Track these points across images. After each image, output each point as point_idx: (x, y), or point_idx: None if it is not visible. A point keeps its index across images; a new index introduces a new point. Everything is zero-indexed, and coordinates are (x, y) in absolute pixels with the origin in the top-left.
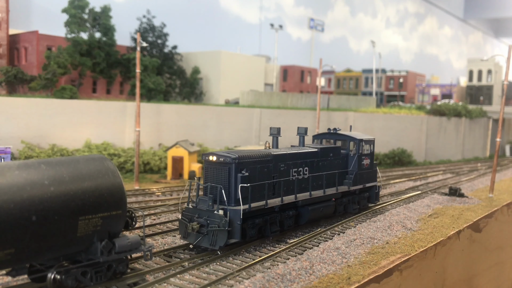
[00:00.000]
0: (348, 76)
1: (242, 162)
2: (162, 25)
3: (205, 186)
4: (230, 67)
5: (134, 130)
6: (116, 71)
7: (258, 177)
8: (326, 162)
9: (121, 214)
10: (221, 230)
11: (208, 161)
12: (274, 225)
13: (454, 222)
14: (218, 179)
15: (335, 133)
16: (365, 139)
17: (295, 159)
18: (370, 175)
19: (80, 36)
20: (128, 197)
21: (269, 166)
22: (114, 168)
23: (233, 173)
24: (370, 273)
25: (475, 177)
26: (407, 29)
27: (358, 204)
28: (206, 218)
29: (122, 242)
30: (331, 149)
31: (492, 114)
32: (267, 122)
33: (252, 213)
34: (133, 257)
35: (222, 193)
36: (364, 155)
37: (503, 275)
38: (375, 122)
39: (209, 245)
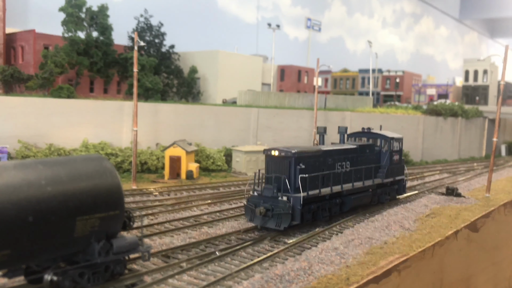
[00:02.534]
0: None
1: (300, 156)
2: (160, 24)
3: (268, 177)
4: (227, 66)
5: (132, 129)
6: (114, 71)
7: (312, 169)
8: (364, 158)
9: (119, 214)
10: (286, 214)
11: (270, 156)
12: (324, 211)
13: (452, 222)
14: (280, 171)
15: (369, 132)
16: (396, 137)
17: (340, 154)
18: (399, 169)
19: (77, 35)
20: (126, 197)
21: (320, 160)
22: (112, 168)
23: (293, 166)
24: (368, 273)
25: (472, 176)
26: (403, 29)
27: (389, 195)
28: (271, 203)
29: (120, 243)
30: (367, 146)
31: (488, 114)
32: (264, 122)
33: (308, 200)
34: (131, 258)
35: (286, 182)
36: (394, 151)
37: (500, 274)
38: (372, 122)
39: (274, 226)
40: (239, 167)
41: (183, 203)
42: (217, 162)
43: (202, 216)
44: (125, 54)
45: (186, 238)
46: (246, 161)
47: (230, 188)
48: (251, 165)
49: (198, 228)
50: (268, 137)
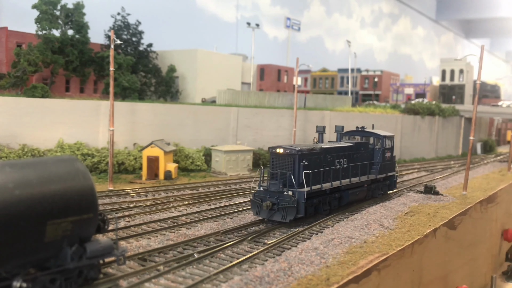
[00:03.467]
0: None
1: (303, 153)
2: (137, 22)
3: (274, 173)
4: (206, 65)
5: (108, 129)
6: (90, 70)
7: (314, 166)
8: (359, 155)
9: (92, 217)
10: (291, 207)
11: (275, 153)
12: (325, 204)
13: (430, 220)
14: (284, 167)
15: (363, 130)
16: (388, 136)
17: (338, 152)
18: (391, 166)
19: (51, 33)
20: (102, 199)
21: (320, 157)
22: (84, 170)
23: (297, 162)
24: (349, 273)
25: (449, 174)
26: (381, 29)
27: (381, 190)
28: (277, 198)
29: (94, 247)
30: (362, 144)
31: (464, 113)
32: (244, 121)
33: (311, 194)
34: (106, 262)
35: (292, 178)
36: (386, 149)
37: (476, 270)
38: (351, 121)
39: (280, 219)
40: (218, 167)
41: (161, 204)
42: (196, 162)
43: (180, 218)
44: (101, 53)
45: (164, 240)
46: (225, 161)
47: (209, 188)
48: (230, 165)
49: (176, 230)
50: (248, 137)
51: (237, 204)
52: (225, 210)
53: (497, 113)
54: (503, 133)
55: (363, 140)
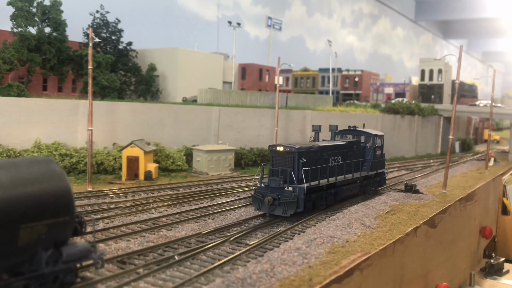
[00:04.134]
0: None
1: (302, 151)
2: (116, 21)
3: (274, 170)
4: (187, 64)
5: (87, 129)
6: (68, 68)
7: (311, 163)
8: (352, 152)
9: (69, 220)
10: (291, 202)
11: (275, 151)
12: (322, 200)
13: (411, 219)
14: (284, 165)
15: (355, 129)
16: (378, 134)
17: (333, 149)
18: (381, 163)
19: (28, 30)
20: (80, 200)
21: (318, 155)
22: (60, 171)
23: (296, 160)
24: (331, 273)
25: (429, 173)
26: (361, 30)
27: (372, 186)
28: (277, 193)
29: (70, 251)
30: (354, 142)
31: (443, 112)
32: (226, 121)
33: (309, 190)
34: (83, 265)
35: (292, 174)
36: (377, 147)
37: (456, 267)
38: (332, 120)
39: (281, 213)
40: (200, 167)
41: (141, 205)
42: (177, 162)
43: (160, 219)
44: (80, 51)
45: (144, 242)
46: (207, 161)
47: (191, 189)
48: (212, 165)
49: (157, 231)
50: (230, 136)
51: (218, 205)
52: (207, 211)
53: (475, 113)
54: (480, 132)
55: (355, 139)
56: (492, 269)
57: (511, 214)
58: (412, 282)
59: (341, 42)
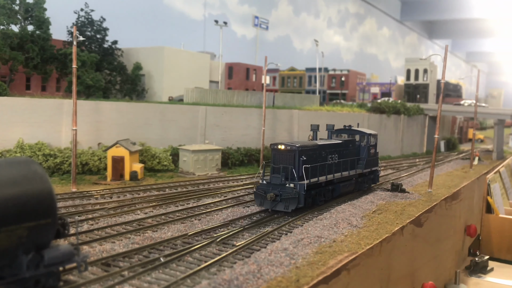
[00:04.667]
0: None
1: (303, 149)
2: (101, 19)
3: (276, 167)
4: (173, 63)
5: (71, 129)
6: (52, 67)
7: (311, 160)
8: (347, 151)
9: (51, 222)
10: (293, 198)
11: (277, 149)
12: (320, 196)
13: (398, 218)
14: (285, 162)
15: (350, 129)
16: (372, 133)
17: (330, 148)
18: (374, 161)
19: (10, 28)
20: (64, 201)
21: (316, 153)
22: (42, 172)
23: (297, 158)
24: (318, 274)
25: (415, 172)
26: (348, 29)
27: (366, 183)
28: (279, 190)
29: (52, 254)
30: (350, 141)
31: (428, 111)
32: (212, 120)
33: (309, 186)
34: (66, 268)
35: (293, 171)
36: (371, 145)
37: (441, 266)
38: (319, 120)
39: (283, 208)
40: (186, 167)
41: (126, 206)
42: (163, 162)
43: (146, 220)
44: (64, 50)
45: (129, 243)
46: (193, 161)
47: (177, 189)
48: (199, 165)
49: (142, 233)
50: (217, 136)
51: (205, 205)
52: (193, 212)
53: (460, 112)
54: (464, 131)
55: (350, 138)
56: (476, 267)
57: (495, 213)
58: (398, 281)
59: (328, 42)
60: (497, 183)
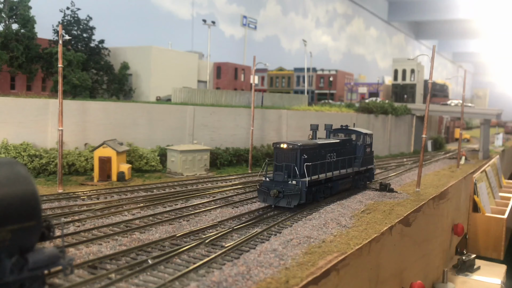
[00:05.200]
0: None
1: (304, 148)
2: (88, 18)
3: (279, 165)
4: (161, 63)
5: (57, 129)
6: (37, 66)
7: (312, 159)
8: (344, 150)
9: (35, 225)
10: (295, 194)
11: (279, 148)
12: (320, 193)
13: (386, 218)
14: (288, 160)
15: (346, 128)
16: (368, 133)
17: (329, 147)
18: (370, 160)
19: None
20: (50, 202)
21: (316, 151)
22: (26, 174)
23: (299, 156)
24: (308, 274)
25: (403, 172)
26: (336, 30)
27: (362, 181)
28: (282, 187)
29: (37, 257)
30: (347, 140)
31: (416, 111)
32: (201, 120)
33: (310, 183)
34: (52, 272)
35: (295, 169)
36: (367, 144)
37: (429, 265)
38: (308, 120)
39: (286, 204)
40: (174, 167)
41: (114, 207)
42: (151, 163)
43: (134, 221)
44: (49, 49)
45: (116, 245)
46: (182, 161)
47: (165, 190)
48: (187, 165)
49: (129, 234)
50: (205, 136)
51: (193, 206)
52: (181, 212)
53: (446, 112)
54: (451, 131)
55: (347, 137)
56: (464, 265)
57: (481, 211)
58: (387, 281)
59: (316, 42)
60: (483, 182)
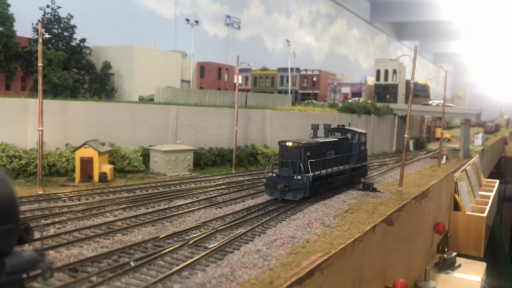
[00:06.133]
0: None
1: (307, 146)
2: (69, 16)
3: (285, 162)
4: (144, 62)
5: (38, 129)
6: (17, 65)
7: (314, 156)
8: (342, 148)
9: (13, 228)
10: (300, 188)
11: (285, 146)
12: (322, 187)
13: (370, 217)
14: (292, 157)
15: (343, 128)
16: (363, 132)
17: (329, 145)
18: (364, 157)
19: None
20: (29, 204)
21: (318, 149)
22: (3, 176)
23: (303, 153)
24: (292, 275)
25: (385, 171)
26: (319, 30)
27: (357, 176)
28: (287, 181)
29: (15, 261)
30: (344, 139)
31: (398, 111)
32: (184, 120)
33: (313, 179)
34: (31, 275)
35: (301, 165)
36: (361, 143)
37: (412, 264)
38: (292, 119)
39: (291, 197)
40: (157, 168)
41: (95, 208)
42: (133, 163)
43: (116, 223)
44: (29, 47)
45: (98, 247)
46: (165, 161)
47: (148, 191)
48: (170, 165)
49: (111, 236)
50: (189, 136)
51: (177, 207)
52: (164, 214)
53: (428, 112)
54: (432, 130)
55: (343, 136)
56: (445, 263)
57: (462, 210)
58: (370, 280)
59: (299, 42)
60: (464, 181)
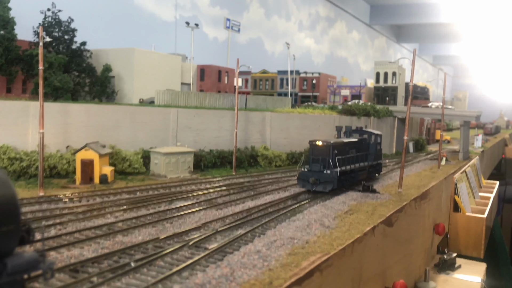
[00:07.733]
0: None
1: (335, 145)
2: (70, 19)
3: (315, 158)
4: (144, 65)
5: (38, 132)
6: (18, 68)
7: (340, 153)
8: (361, 147)
9: (14, 229)
10: (329, 181)
11: (315, 144)
12: (346, 181)
13: (369, 218)
14: (322, 155)
15: (361, 130)
16: (378, 133)
17: (351, 144)
18: (380, 155)
19: None
20: (31, 206)
21: (342, 148)
22: (4, 177)
23: (331, 151)
24: (291, 275)
25: (385, 173)
26: (318, 33)
27: (373, 173)
28: (318, 175)
29: (16, 262)
30: (363, 139)
31: (397, 113)
32: (184, 122)
33: (340, 173)
34: (32, 276)
35: (330, 162)
36: (377, 143)
37: (411, 264)
38: (291, 122)
39: (322, 189)
40: (158, 170)
41: (96, 210)
42: (134, 165)
43: (116, 224)
44: (30, 51)
45: (98, 248)
46: (165, 163)
47: (148, 192)
48: (170, 167)
49: (112, 237)
50: (189, 138)
51: (177, 208)
52: (165, 215)
53: (427, 114)
54: (432, 132)
55: (361, 137)
56: (445, 264)
57: (462, 211)
58: (370, 280)
59: (299, 45)
60: (464, 182)
